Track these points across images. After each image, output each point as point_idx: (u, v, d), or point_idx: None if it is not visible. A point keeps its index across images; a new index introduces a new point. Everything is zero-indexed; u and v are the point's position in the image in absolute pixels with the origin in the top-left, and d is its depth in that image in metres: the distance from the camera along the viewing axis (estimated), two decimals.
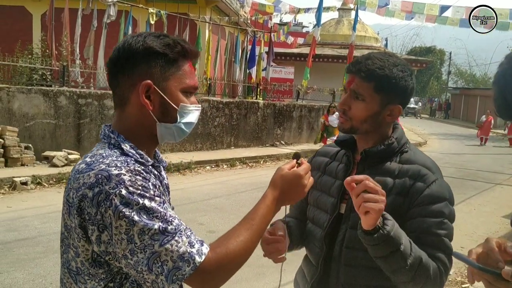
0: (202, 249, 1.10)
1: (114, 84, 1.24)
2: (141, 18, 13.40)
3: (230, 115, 13.35)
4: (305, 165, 1.33)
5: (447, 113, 43.27)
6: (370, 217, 1.28)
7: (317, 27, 16.06)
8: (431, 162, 1.58)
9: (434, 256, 1.43)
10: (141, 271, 1.07)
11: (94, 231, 1.08)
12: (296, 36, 26.18)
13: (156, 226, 1.07)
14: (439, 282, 1.44)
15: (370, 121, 1.55)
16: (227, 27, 17.25)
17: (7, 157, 8.58)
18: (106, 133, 1.24)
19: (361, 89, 1.52)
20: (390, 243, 1.32)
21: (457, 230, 1.44)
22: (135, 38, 1.22)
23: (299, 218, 1.83)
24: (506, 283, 1.08)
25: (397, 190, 1.51)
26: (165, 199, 1.17)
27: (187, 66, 1.26)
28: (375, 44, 21.97)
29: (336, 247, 1.59)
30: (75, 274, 1.16)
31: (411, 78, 1.55)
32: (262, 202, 1.25)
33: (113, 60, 1.22)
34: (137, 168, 1.13)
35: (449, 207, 1.49)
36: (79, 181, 1.11)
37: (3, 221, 5.94)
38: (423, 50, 48.20)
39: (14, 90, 9.22)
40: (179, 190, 8.47)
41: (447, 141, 21.74)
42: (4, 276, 4.32)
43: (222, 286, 1.15)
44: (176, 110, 1.24)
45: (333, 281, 1.59)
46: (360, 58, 1.56)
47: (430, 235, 1.45)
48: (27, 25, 15.94)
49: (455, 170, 12.65)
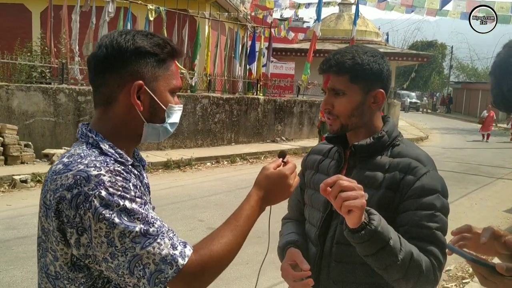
0: (185, 251, 1.07)
1: (99, 83, 1.20)
2: (140, 15, 13.34)
3: (231, 111, 13.31)
4: (291, 165, 1.30)
5: (449, 107, 43.12)
6: (354, 215, 1.24)
7: (318, 22, 15.99)
8: (424, 155, 1.55)
9: (426, 250, 1.39)
10: (122, 274, 1.04)
11: (73, 234, 1.05)
12: (297, 32, 26.11)
13: (137, 228, 1.04)
14: (432, 277, 1.39)
15: (357, 114, 1.52)
16: (226, 23, 17.19)
17: (7, 155, 8.57)
18: (83, 132, 1.20)
19: (338, 84, 1.50)
20: (378, 238, 1.28)
21: (458, 224, 1.40)
22: (123, 36, 1.17)
23: (300, 219, 1.81)
24: (501, 277, 1.05)
25: (387, 184, 1.48)
26: (146, 199, 1.14)
27: (173, 67, 1.24)
28: (376, 39, 21.87)
29: (327, 244, 1.57)
30: (53, 278, 1.12)
31: (383, 60, 1.53)
32: (247, 202, 1.22)
33: (99, 57, 1.18)
34: (117, 168, 1.09)
35: (441, 200, 1.45)
36: (57, 183, 1.07)
37: (2, 219, 5.94)
38: (425, 45, 47.95)
39: (13, 88, 9.21)
40: (179, 186, 8.47)
41: (449, 136, 21.69)
42: (3, 274, 4.32)
43: (222, 284, 1.12)
44: (164, 111, 1.22)
45: (324, 277, 1.57)
46: (329, 55, 1.55)
47: (421, 228, 1.41)
48: (27, 23, 15.89)
49: (457, 164, 12.61)
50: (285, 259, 1.62)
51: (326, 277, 1.56)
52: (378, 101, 1.54)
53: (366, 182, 1.49)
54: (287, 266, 1.58)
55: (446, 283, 4.69)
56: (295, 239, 1.67)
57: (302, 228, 1.76)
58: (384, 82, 1.53)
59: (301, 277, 1.53)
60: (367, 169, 1.52)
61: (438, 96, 48.02)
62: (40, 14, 15.63)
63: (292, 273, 1.54)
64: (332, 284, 1.55)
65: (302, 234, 1.72)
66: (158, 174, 9.62)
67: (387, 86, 1.55)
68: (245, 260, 4.82)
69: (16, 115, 9.20)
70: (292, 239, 1.67)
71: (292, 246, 1.63)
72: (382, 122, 1.62)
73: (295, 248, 1.61)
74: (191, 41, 14.16)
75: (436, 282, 1.42)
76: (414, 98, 43.54)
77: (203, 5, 15.42)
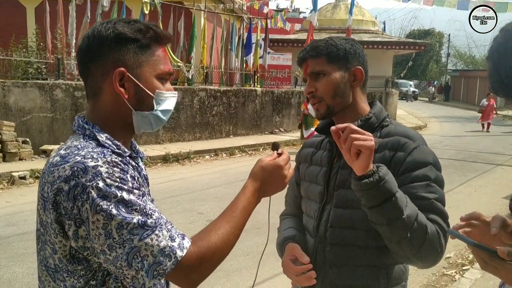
0: (183, 243, 1.06)
1: (85, 74, 1.19)
2: (135, 8, 13.27)
3: (228, 103, 13.28)
4: (285, 156, 1.31)
5: (447, 95, 43.08)
6: (363, 156, 1.25)
7: (314, 12, 15.88)
8: (413, 132, 1.55)
9: (430, 219, 1.37)
10: (121, 266, 1.03)
11: (71, 226, 1.04)
12: (294, 22, 26.00)
13: (135, 220, 1.03)
14: (437, 245, 1.36)
15: (339, 93, 1.55)
16: (222, 15, 17.09)
17: (5, 152, 8.56)
18: (80, 124, 1.19)
19: (317, 67, 1.56)
20: (385, 187, 1.28)
21: (457, 212, 1.39)
22: (104, 25, 1.16)
23: (297, 214, 1.81)
24: (502, 261, 1.04)
25: (377, 163, 1.45)
26: (144, 191, 1.13)
27: (160, 52, 1.21)
28: (373, 28, 21.79)
29: (321, 228, 1.57)
30: (53, 271, 1.11)
31: (355, 43, 1.60)
32: (243, 194, 1.22)
33: (83, 49, 1.17)
34: (114, 160, 1.08)
35: (435, 171, 1.44)
36: (54, 175, 1.06)
37: (2, 215, 5.94)
38: (422, 33, 47.79)
39: (9, 85, 9.17)
40: (178, 180, 8.46)
41: (448, 124, 21.68)
42: (3, 270, 4.32)
43: (223, 275, 1.12)
44: (152, 98, 1.19)
45: (320, 261, 1.57)
46: (305, 47, 1.63)
47: (419, 199, 1.39)
48: (21, 19, 15.78)
49: (456, 152, 12.63)
50: (285, 255, 1.62)
51: (322, 261, 1.57)
52: (357, 78, 1.57)
53: None
54: (288, 261, 1.58)
55: (446, 270, 4.70)
56: (292, 234, 1.67)
57: (299, 222, 1.77)
58: (360, 61, 1.58)
59: (303, 271, 1.53)
60: None
61: (436, 84, 47.92)
62: (34, 9, 15.53)
63: (294, 267, 1.55)
64: (328, 268, 1.55)
65: (299, 229, 1.72)
66: (156, 168, 9.61)
67: (365, 65, 1.60)
68: (245, 252, 4.84)
69: (13, 111, 9.17)
70: (290, 234, 1.67)
71: (290, 242, 1.63)
72: (370, 106, 1.63)
73: (293, 243, 1.62)
74: (187, 33, 14.09)
75: (442, 252, 1.38)
76: (412, 87, 43.48)
77: None
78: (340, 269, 1.54)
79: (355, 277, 1.52)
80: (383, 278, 1.50)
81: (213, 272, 1.15)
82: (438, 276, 4.56)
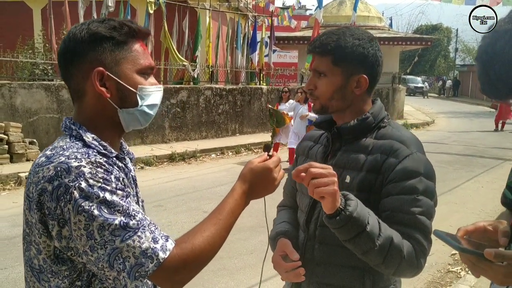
0: (166, 245, 1.06)
1: (67, 77, 1.20)
2: (140, 8, 13.30)
3: (234, 102, 13.28)
4: (275, 158, 1.29)
5: (456, 91, 42.68)
6: (327, 201, 1.25)
7: (319, 9, 15.81)
8: (408, 137, 1.51)
9: (408, 235, 1.37)
10: (102, 267, 1.03)
11: (55, 226, 1.04)
12: (300, 20, 25.89)
13: (116, 221, 1.02)
14: (416, 263, 1.37)
15: (337, 97, 1.51)
16: (227, 13, 17.08)
17: (12, 153, 8.62)
18: (67, 125, 1.19)
19: (321, 66, 1.50)
20: (355, 224, 1.27)
21: (464, 208, 1.35)
22: (78, 27, 1.17)
23: (294, 206, 1.80)
24: (489, 263, 1.03)
25: (369, 166, 1.46)
26: (130, 192, 1.13)
27: (138, 46, 1.20)
28: (379, 24, 21.64)
29: (311, 226, 1.57)
30: (37, 272, 1.12)
31: (370, 44, 1.50)
32: (230, 196, 1.21)
33: (61, 52, 1.18)
34: (98, 160, 1.08)
35: (424, 182, 1.41)
36: (39, 175, 1.07)
37: (9, 216, 5.99)
38: (429, 28, 47.40)
39: (16, 86, 9.23)
40: (184, 179, 8.48)
41: (456, 119, 21.50)
42: (9, 271, 4.36)
43: (227, 274, 1.11)
44: (135, 94, 1.19)
45: (309, 259, 1.57)
46: (317, 36, 1.55)
47: (403, 213, 1.38)
48: (28, 20, 15.88)
49: (463, 147, 12.52)
50: (275, 251, 1.62)
51: (310, 258, 1.57)
52: (361, 86, 1.51)
53: (349, 164, 1.49)
54: (277, 257, 1.58)
55: (451, 267, 4.67)
56: (285, 229, 1.66)
57: (294, 215, 1.76)
58: (368, 67, 1.50)
59: (292, 268, 1.52)
60: (351, 151, 1.51)
61: (445, 79, 47.38)
62: (40, 11, 15.62)
63: (283, 264, 1.54)
64: (316, 266, 1.55)
65: (293, 223, 1.72)
66: (163, 167, 9.63)
67: (373, 71, 1.52)
68: (249, 250, 4.83)
69: (19, 112, 9.24)
70: (282, 229, 1.66)
71: (282, 237, 1.63)
72: (371, 104, 1.59)
73: (285, 239, 1.61)
74: (192, 32, 14.10)
75: (420, 269, 1.40)
76: (420, 82, 43.15)
77: None
78: (326, 268, 1.54)
79: (340, 277, 1.52)
80: (369, 280, 1.50)
81: (217, 271, 1.15)
82: (443, 273, 4.53)
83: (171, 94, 11.73)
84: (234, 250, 4.88)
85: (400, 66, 24.79)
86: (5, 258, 4.68)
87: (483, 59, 1.04)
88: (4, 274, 4.31)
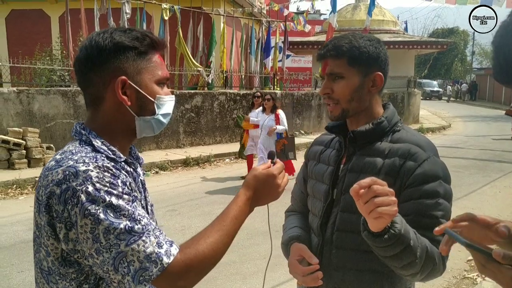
0: (170, 250, 1.07)
1: (85, 84, 1.22)
2: (155, 15, 13.44)
3: (248, 106, 13.29)
4: (278, 165, 1.30)
5: (474, 94, 42.04)
6: (383, 221, 1.20)
7: (333, 13, 15.81)
8: (424, 141, 1.52)
9: (433, 239, 1.37)
10: (107, 271, 1.05)
11: (62, 229, 1.06)
12: (314, 24, 25.86)
13: (122, 225, 1.04)
14: (442, 267, 1.39)
15: (357, 97, 1.52)
16: (241, 19, 17.16)
17: (30, 158, 8.78)
18: (77, 130, 1.22)
19: (336, 68, 1.51)
20: (401, 241, 1.25)
21: (480, 213, 1.34)
22: (101, 35, 1.19)
23: (303, 211, 1.80)
24: (498, 265, 1.00)
25: (387, 170, 1.46)
26: (137, 196, 1.15)
27: (157, 58, 1.24)
28: (394, 28, 21.50)
29: (328, 231, 1.57)
30: (46, 274, 1.14)
31: (380, 45, 1.54)
32: (234, 203, 1.23)
33: (81, 59, 1.20)
34: (106, 165, 1.10)
35: (444, 186, 1.42)
36: (48, 178, 1.09)
37: (26, 220, 6.08)
38: (446, 32, 46.99)
39: (34, 92, 9.40)
40: (198, 183, 8.52)
41: (472, 123, 21.21)
42: (26, 274, 4.42)
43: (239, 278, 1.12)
44: (153, 103, 1.23)
45: (326, 264, 1.56)
46: (326, 42, 1.57)
47: (426, 217, 1.39)
48: (46, 28, 16.20)
49: (480, 152, 12.34)
50: (291, 255, 1.61)
51: (327, 263, 1.56)
52: (376, 84, 1.53)
53: (365, 169, 1.49)
54: (294, 261, 1.58)
55: (467, 273, 4.60)
56: (297, 234, 1.67)
57: (304, 220, 1.76)
58: (381, 65, 1.53)
59: (310, 271, 1.52)
60: (366, 156, 1.51)
61: (460, 83, 46.75)
62: (58, 18, 15.90)
63: (301, 268, 1.54)
64: (333, 271, 1.55)
65: (304, 228, 1.72)
66: (177, 171, 9.70)
67: (385, 69, 1.55)
68: (262, 255, 4.83)
69: (37, 118, 9.40)
70: (295, 234, 1.67)
71: (296, 241, 1.63)
72: (383, 109, 1.60)
73: (299, 243, 1.61)
74: (207, 38, 14.19)
75: (443, 271, 1.42)
76: (436, 86, 42.67)
77: (218, 2, 15.43)
78: (344, 273, 1.53)
79: (358, 281, 1.51)
80: (387, 284, 1.50)
81: (230, 275, 1.16)
82: (459, 279, 4.46)
83: (185, 100, 11.82)
84: (247, 255, 4.89)
85: (415, 70, 24.55)
86: (22, 261, 4.76)
87: (496, 43, 1.02)
88: (21, 277, 4.37)
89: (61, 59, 11.40)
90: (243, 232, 5.55)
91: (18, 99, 9.13)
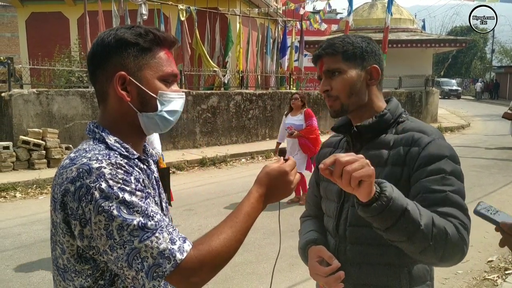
0: (183, 246, 1.07)
1: (94, 80, 1.24)
2: (172, 15, 13.53)
3: (264, 106, 13.32)
4: (290, 161, 1.29)
5: (495, 93, 41.27)
6: (365, 185, 1.16)
7: (350, 12, 15.71)
8: (428, 127, 1.52)
9: (445, 214, 1.32)
10: (121, 267, 1.06)
11: (77, 226, 1.07)
12: (330, 23, 25.72)
13: (135, 221, 1.05)
14: (461, 242, 1.30)
15: (355, 91, 1.53)
16: (257, 18, 17.17)
17: (49, 158, 8.93)
18: (91, 128, 1.24)
19: (332, 64, 1.53)
20: (395, 205, 1.21)
21: None
22: (107, 32, 1.21)
23: (318, 215, 1.80)
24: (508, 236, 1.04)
25: (393, 160, 1.46)
26: (151, 193, 1.15)
27: (163, 54, 1.23)
28: (411, 26, 21.29)
29: (341, 227, 1.57)
30: (62, 271, 1.15)
31: (372, 42, 1.59)
32: (247, 200, 1.22)
33: (89, 57, 1.23)
34: (119, 161, 1.11)
35: (451, 164, 1.39)
36: (62, 176, 1.11)
37: (45, 219, 6.17)
38: (464, 30, 46.22)
39: (53, 93, 9.55)
40: (214, 183, 8.55)
41: (492, 123, 20.84)
42: (45, 272, 4.49)
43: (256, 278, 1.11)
44: (155, 99, 1.22)
45: (342, 260, 1.55)
46: (320, 44, 1.61)
47: (433, 192, 1.35)
48: (65, 30, 16.44)
49: (500, 152, 12.11)
50: (310, 257, 1.61)
51: (343, 260, 1.55)
52: (374, 77, 1.55)
53: (372, 161, 1.46)
54: (314, 263, 1.58)
55: (487, 274, 4.51)
56: (314, 237, 1.66)
57: (319, 224, 1.76)
58: (377, 59, 1.56)
59: (332, 270, 1.52)
60: (373, 149, 1.51)
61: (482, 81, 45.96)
62: (77, 20, 16.12)
63: (322, 268, 1.54)
64: (350, 267, 1.54)
65: (320, 231, 1.71)
66: (194, 171, 9.75)
67: (380, 63, 1.57)
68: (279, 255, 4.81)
69: (56, 119, 9.54)
70: (312, 238, 1.67)
71: (313, 245, 1.63)
72: (386, 103, 1.61)
73: (317, 246, 1.61)
74: (223, 38, 14.23)
75: (466, 248, 1.33)
76: (455, 85, 42.03)
77: (234, 2, 15.47)
78: (361, 268, 1.52)
79: (376, 276, 1.50)
80: (405, 277, 1.48)
81: (246, 275, 1.15)
82: (479, 281, 4.39)
83: (202, 100, 11.87)
84: (263, 254, 4.89)
85: (434, 68, 24.23)
86: (41, 259, 4.84)
87: None
88: (41, 275, 4.44)
89: (79, 61, 11.56)
90: (260, 232, 5.56)
91: (37, 100, 9.29)
